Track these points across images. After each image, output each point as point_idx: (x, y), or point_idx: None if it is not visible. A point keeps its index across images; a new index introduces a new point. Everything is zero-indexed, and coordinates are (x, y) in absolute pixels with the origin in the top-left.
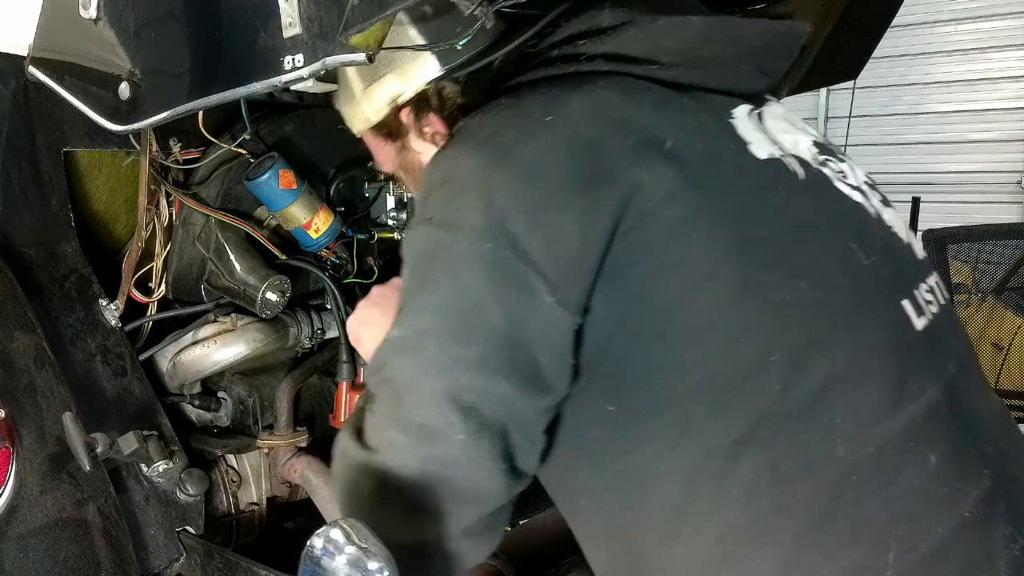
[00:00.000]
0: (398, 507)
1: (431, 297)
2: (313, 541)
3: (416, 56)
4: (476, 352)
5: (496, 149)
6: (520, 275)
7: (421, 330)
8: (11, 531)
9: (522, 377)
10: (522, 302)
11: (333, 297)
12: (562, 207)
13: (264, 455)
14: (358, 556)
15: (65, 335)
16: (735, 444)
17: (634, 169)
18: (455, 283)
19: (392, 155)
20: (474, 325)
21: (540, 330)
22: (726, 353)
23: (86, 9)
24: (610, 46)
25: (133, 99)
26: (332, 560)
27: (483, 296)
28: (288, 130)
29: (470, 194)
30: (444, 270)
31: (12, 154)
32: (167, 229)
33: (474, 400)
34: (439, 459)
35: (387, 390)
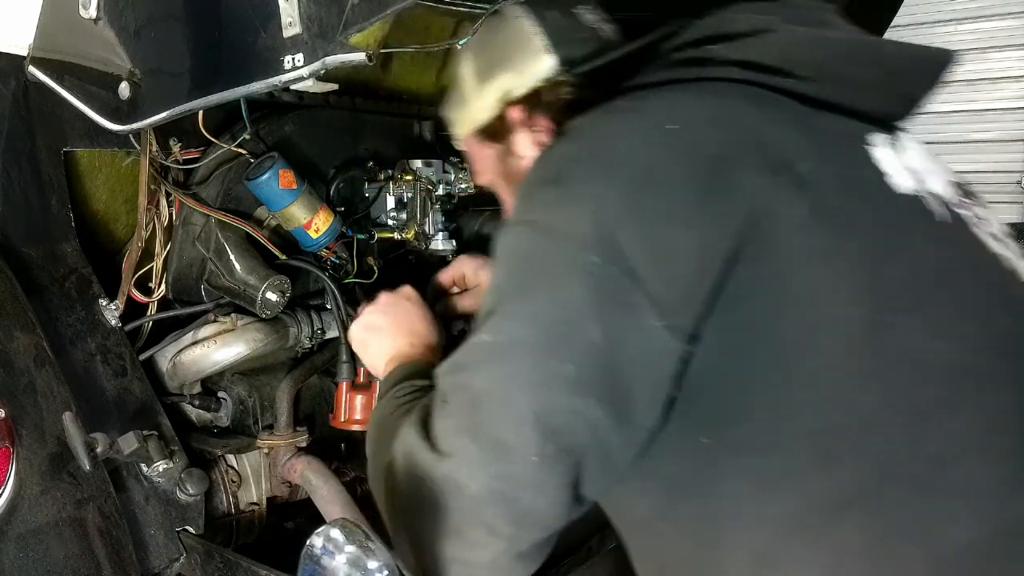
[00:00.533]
0: (454, 521)
1: (528, 306)
2: (313, 540)
3: (535, 53)
4: (571, 371)
5: (611, 153)
6: (625, 293)
7: (515, 339)
8: (11, 531)
9: (615, 403)
10: (625, 322)
11: (333, 297)
12: (680, 223)
13: (264, 455)
14: (358, 555)
15: (65, 335)
16: (840, 502)
17: (763, 190)
18: (555, 294)
19: (492, 161)
20: (572, 341)
21: (642, 355)
22: (845, 402)
23: (86, 9)
24: (744, 53)
25: (133, 99)
26: (332, 559)
27: (583, 311)
28: (288, 130)
29: (579, 199)
30: (544, 279)
31: (12, 154)
32: (167, 229)
33: (560, 422)
34: (509, 478)
35: (464, 396)
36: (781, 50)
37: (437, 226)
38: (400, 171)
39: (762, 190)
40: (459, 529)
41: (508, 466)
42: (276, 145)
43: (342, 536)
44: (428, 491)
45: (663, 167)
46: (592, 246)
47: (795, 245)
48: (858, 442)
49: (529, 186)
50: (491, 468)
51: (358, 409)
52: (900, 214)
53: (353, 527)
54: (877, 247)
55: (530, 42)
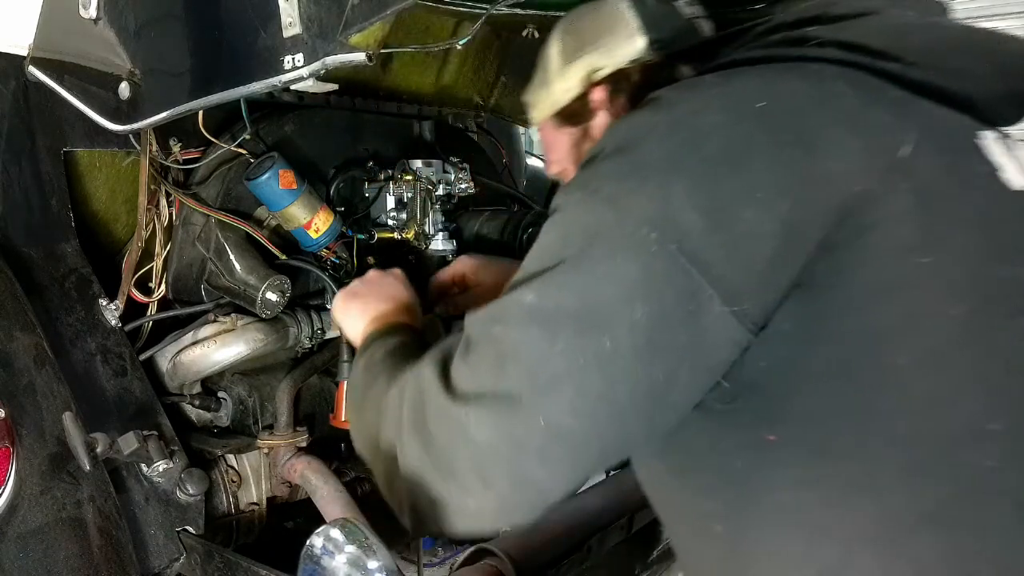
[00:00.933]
0: (453, 463)
1: (580, 277)
2: (313, 540)
3: (626, 34)
4: (609, 347)
5: (692, 128)
6: (683, 275)
7: (560, 306)
8: (11, 531)
9: (649, 389)
10: (678, 305)
11: (333, 297)
12: (760, 204)
13: (264, 455)
14: (358, 555)
15: (65, 335)
16: (921, 517)
17: (860, 175)
18: (608, 270)
19: (568, 148)
20: (616, 319)
21: (692, 340)
22: (936, 410)
23: (86, 9)
24: (846, 34)
25: (133, 99)
26: (332, 559)
27: (634, 290)
28: (288, 130)
29: (649, 174)
30: (600, 253)
31: (12, 154)
32: (167, 229)
33: (582, 402)
34: (517, 442)
35: (492, 349)
36: (886, 33)
37: (437, 226)
38: (400, 171)
39: (859, 175)
40: (455, 472)
41: (519, 429)
42: (276, 145)
43: (342, 536)
44: (434, 428)
45: (747, 145)
46: (654, 223)
47: (892, 235)
48: (948, 455)
49: (598, 150)
50: (502, 426)
51: None
52: (1013, 211)
53: (353, 527)
54: (985, 243)
55: (623, 23)
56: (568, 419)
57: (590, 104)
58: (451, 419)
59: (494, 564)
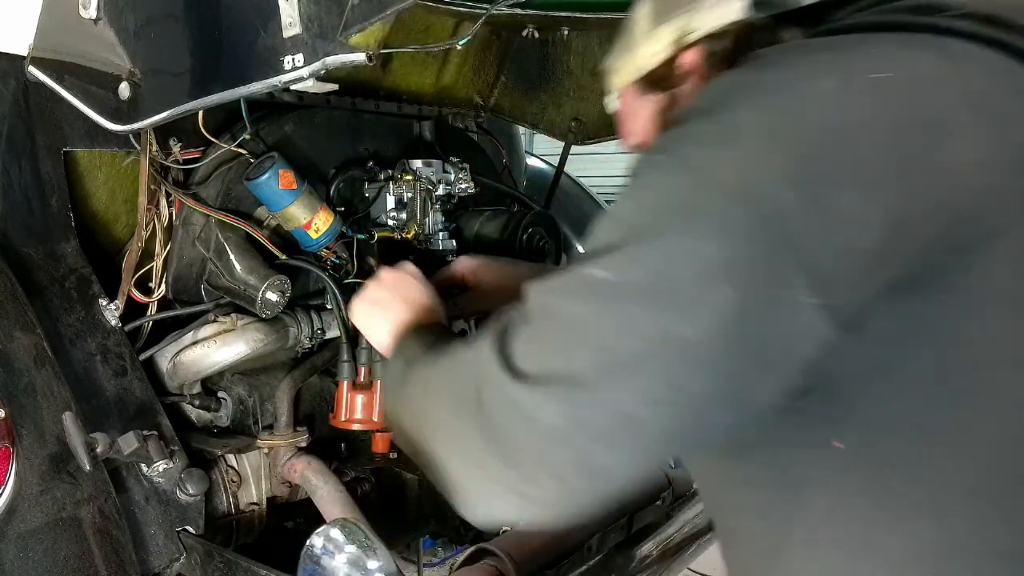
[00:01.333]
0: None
1: (655, 251)
2: (313, 540)
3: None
4: (688, 333)
5: (796, 93)
6: (775, 258)
7: (633, 282)
8: (11, 531)
9: (730, 380)
10: (767, 292)
11: (333, 297)
12: (870, 190)
13: (264, 455)
14: (358, 555)
15: (65, 335)
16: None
17: (987, 171)
18: (691, 246)
19: (650, 116)
20: (697, 301)
21: (779, 333)
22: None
23: (86, 9)
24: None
25: (133, 99)
26: (332, 559)
27: (719, 270)
28: (288, 130)
29: (741, 140)
30: (681, 226)
31: (12, 154)
32: (167, 229)
33: (656, 389)
34: (587, 427)
35: (554, 323)
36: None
37: (437, 226)
38: (400, 171)
39: (986, 170)
40: (517, 459)
41: (589, 413)
42: (276, 145)
43: (342, 536)
44: (494, 411)
45: (860, 120)
46: (744, 196)
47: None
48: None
49: (685, 114)
50: (570, 409)
51: (358, 409)
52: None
53: (353, 527)
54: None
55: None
56: (641, 408)
57: (679, 69)
58: (514, 402)
59: (494, 564)
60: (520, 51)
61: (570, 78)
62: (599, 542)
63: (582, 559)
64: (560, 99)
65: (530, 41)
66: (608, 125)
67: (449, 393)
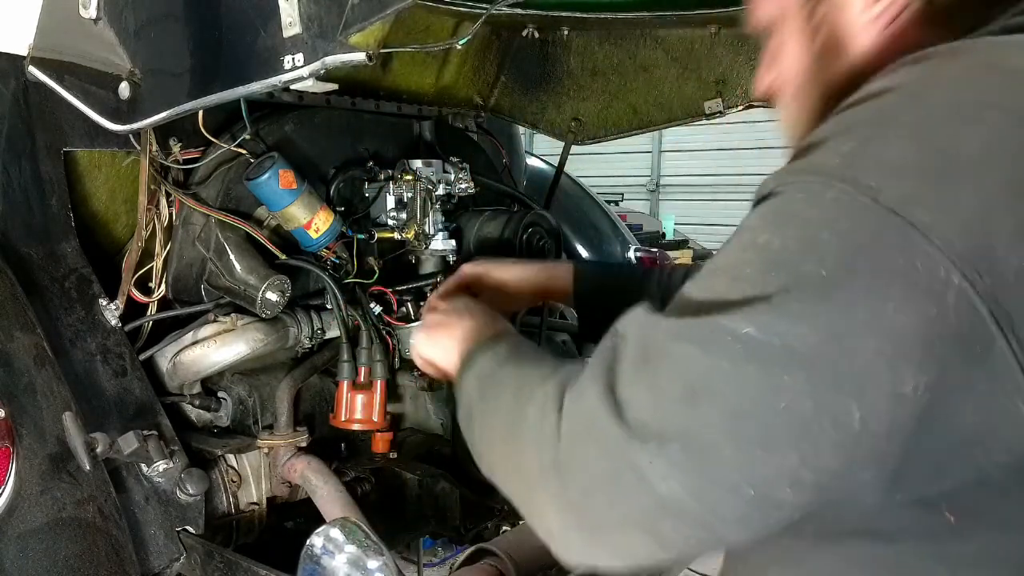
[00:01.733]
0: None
1: (828, 313)
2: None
3: None
4: (856, 419)
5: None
6: (985, 340)
7: (792, 347)
8: (11, 531)
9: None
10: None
11: (334, 297)
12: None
13: (264, 455)
14: (358, 555)
15: (65, 335)
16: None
17: None
18: (875, 311)
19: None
20: (874, 381)
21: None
22: None
23: (86, 9)
24: None
25: (133, 99)
26: (332, 559)
27: (909, 349)
28: (288, 130)
29: (965, 178)
30: (865, 285)
31: (12, 154)
32: (167, 229)
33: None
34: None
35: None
36: None
37: (437, 226)
38: (400, 171)
39: None
40: (623, 522)
41: (714, 491)
42: (276, 145)
43: (342, 536)
44: (599, 466)
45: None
46: (964, 259)
47: None
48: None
49: (871, 125)
50: (692, 481)
51: (358, 409)
52: None
53: (353, 527)
54: None
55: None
56: (784, 491)
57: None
58: (627, 461)
59: (494, 564)
60: (520, 51)
61: (570, 78)
62: None
63: None
64: (560, 99)
65: (530, 41)
66: (608, 125)
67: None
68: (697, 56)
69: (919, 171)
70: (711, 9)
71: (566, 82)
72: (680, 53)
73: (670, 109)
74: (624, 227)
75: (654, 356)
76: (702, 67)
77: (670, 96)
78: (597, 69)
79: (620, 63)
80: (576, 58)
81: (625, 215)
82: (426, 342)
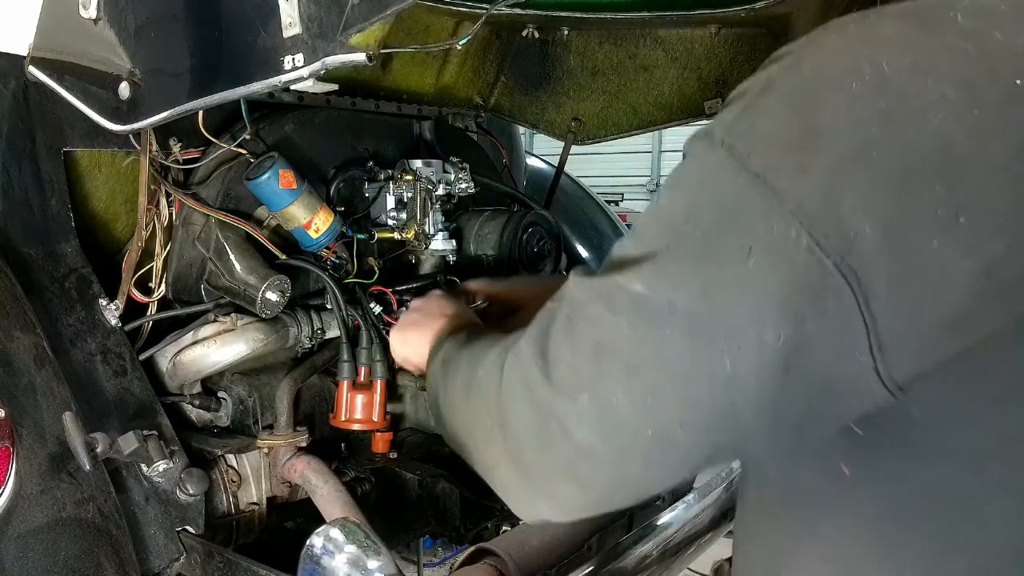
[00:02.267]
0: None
1: (703, 271)
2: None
3: None
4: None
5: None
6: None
7: (673, 304)
8: (11, 531)
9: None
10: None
11: (334, 297)
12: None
13: (264, 455)
14: (358, 555)
15: (65, 335)
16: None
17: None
18: (741, 272)
19: None
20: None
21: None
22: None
23: (86, 9)
24: None
25: (133, 99)
26: (332, 559)
27: (768, 306)
28: (288, 130)
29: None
30: (734, 245)
31: (12, 154)
32: (167, 229)
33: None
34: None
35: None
36: None
37: (437, 226)
38: (400, 171)
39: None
40: (553, 470)
41: (618, 434)
42: (276, 145)
43: (342, 536)
44: (532, 415)
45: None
46: (813, 224)
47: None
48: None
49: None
50: (599, 426)
51: (358, 409)
52: None
53: (353, 527)
54: None
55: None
56: (675, 430)
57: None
58: (549, 411)
59: (494, 564)
60: (520, 51)
61: (570, 78)
62: (599, 542)
63: (582, 559)
64: (560, 99)
65: (530, 41)
66: (608, 125)
67: (489, 401)
68: (697, 56)
69: (784, 140)
70: (711, 9)
71: (566, 82)
72: (680, 53)
73: (670, 109)
74: (624, 227)
75: (577, 316)
76: (702, 67)
77: (670, 96)
78: (597, 69)
79: (620, 63)
80: (576, 58)
81: (625, 215)
82: (399, 341)
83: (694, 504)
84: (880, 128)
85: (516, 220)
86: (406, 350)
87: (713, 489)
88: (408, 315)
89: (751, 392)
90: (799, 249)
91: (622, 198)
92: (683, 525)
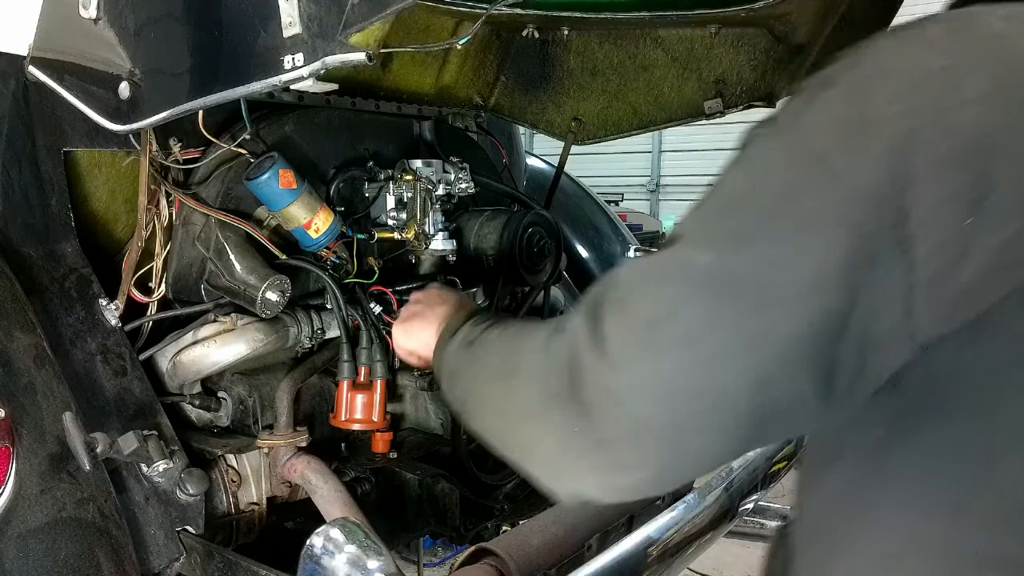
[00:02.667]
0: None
1: (767, 241)
2: (313, 540)
3: None
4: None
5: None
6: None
7: (737, 273)
8: (11, 531)
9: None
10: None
11: (334, 297)
12: None
13: (264, 455)
14: (358, 555)
15: (65, 335)
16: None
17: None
18: (803, 241)
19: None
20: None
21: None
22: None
23: (86, 9)
24: None
25: (133, 99)
26: (332, 559)
27: (828, 275)
28: (288, 130)
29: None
30: (797, 217)
31: (12, 154)
32: (167, 229)
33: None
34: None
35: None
36: None
37: (437, 226)
38: (400, 171)
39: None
40: (605, 440)
41: (678, 404)
42: (276, 145)
43: (342, 536)
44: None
45: None
46: (874, 204)
47: None
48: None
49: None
50: (660, 399)
51: (358, 409)
52: None
53: (353, 527)
54: None
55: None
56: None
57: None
58: (604, 387)
59: (494, 564)
60: (520, 51)
61: (570, 78)
62: (599, 542)
63: (582, 559)
64: (560, 99)
65: (530, 41)
66: (608, 125)
67: (533, 370)
68: (697, 56)
69: (841, 126)
70: (711, 9)
71: (566, 82)
72: (680, 53)
73: (670, 109)
74: (624, 227)
75: (629, 295)
76: (702, 67)
77: (670, 96)
78: (597, 69)
79: (620, 63)
80: (576, 58)
81: (625, 215)
82: (402, 334)
83: (694, 504)
84: (923, 118)
85: (516, 220)
86: (411, 342)
87: (713, 489)
88: (409, 307)
89: (807, 356)
90: (854, 223)
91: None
92: (683, 525)
